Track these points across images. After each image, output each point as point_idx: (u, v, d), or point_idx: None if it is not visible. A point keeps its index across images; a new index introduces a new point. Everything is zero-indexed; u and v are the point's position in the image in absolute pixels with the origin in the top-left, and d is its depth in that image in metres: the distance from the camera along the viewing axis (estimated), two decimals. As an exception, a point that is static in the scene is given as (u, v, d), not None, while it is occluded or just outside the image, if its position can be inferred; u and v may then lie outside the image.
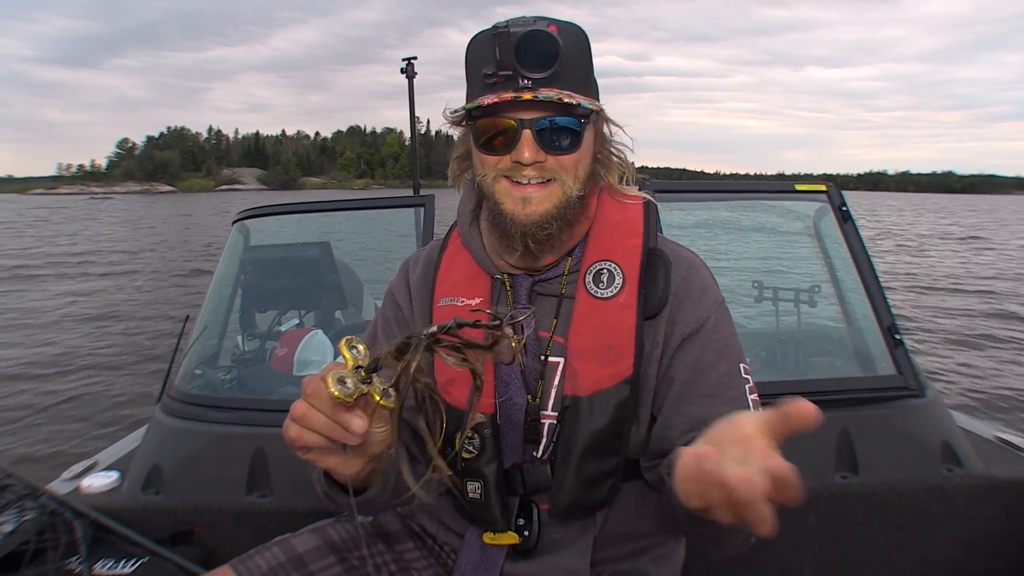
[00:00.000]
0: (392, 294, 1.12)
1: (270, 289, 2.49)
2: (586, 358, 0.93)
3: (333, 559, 1.01)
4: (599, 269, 0.97)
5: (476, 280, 1.03)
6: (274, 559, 0.98)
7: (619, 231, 1.00)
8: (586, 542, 0.97)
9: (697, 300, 0.97)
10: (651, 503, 1.00)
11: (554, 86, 0.88)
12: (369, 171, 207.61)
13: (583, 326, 0.95)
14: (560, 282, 0.99)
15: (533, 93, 0.87)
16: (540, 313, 0.99)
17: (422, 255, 1.13)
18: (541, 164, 0.91)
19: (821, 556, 1.62)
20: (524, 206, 0.92)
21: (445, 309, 1.02)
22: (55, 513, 1.39)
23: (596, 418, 0.92)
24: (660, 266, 0.97)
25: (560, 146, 0.91)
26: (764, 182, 2.66)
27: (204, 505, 1.59)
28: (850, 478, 1.63)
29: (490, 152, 0.92)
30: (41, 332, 8.26)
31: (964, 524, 1.62)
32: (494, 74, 0.88)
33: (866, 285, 1.83)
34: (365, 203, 2.25)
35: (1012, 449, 1.80)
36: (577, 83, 0.91)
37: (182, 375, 2.04)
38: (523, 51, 0.86)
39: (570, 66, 0.90)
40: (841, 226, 1.90)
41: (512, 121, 0.89)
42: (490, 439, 0.96)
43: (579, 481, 0.92)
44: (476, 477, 0.96)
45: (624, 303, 0.95)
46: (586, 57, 0.94)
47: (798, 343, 2.46)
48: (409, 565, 1.07)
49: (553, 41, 0.87)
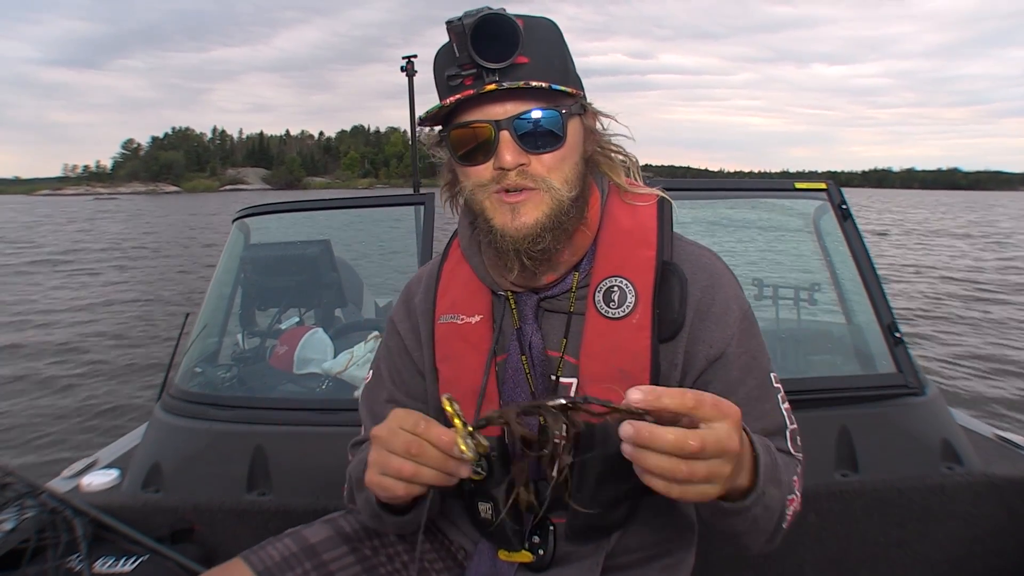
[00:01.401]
0: (393, 322, 1.07)
1: (270, 287, 2.49)
2: (598, 383, 0.89)
3: (345, 549, 1.01)
4: (610, 286, 0.91)
5: (477, 296, 0.98)
6: (286, 549, 0.97)
7: (630, 241, 0.93)
8: (598, 558, 0.94)
9: (721, 317, 0.90)
10: (667, 516, 0.99)
11: (523, 77, 0.82)
12: (373, 170, 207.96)
13: (594, 348, 0.90)
14: (568, 298, 0.93)
15: (497, 84, 0.81)
16: (548, 331, 0.94)
17: (424, 274, 1.08)
18: (524, 167, 0.85)
19: (821, 554, 1.62)
20: (514, 217, 0.85)
21: (446, 327, 0.98)
22: (55, 511, 1.39)
23: (611, 444, 0.87)
24: (676, 283, 0.90)
25: (542, 144, 0.84)
26: (763, 180, 2.66)
27: (204, 503, 1.59)
28: (850, 476, 1.63)
29: (471, 163, 0.87)
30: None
31: (964, 522, 1.61)
32: (457, 75, 0.83)
33: (866, 283, 1.83)
34: (365, 201, 2.25)
35: (1012, 447, 1.80)
36: (551, 73, 0.84)
37: (182, 373, 2.04)
38: (479, 39, 0.81)
39: (540, 55, 0.84)
40: (841, 224, 1.90)
41: (486, 125, 0.83)
42: (498, 461, 0.92)
43: (595, 505, 0.89)
44: (486, 498, 0.93)
45: (637, 324, 0.89)
46: (559, 49, 0.88)
47: (798, 341, 2.46)
48: (420, 555, 1.06)
49: (509, 23, 0.81)
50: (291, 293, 2.53)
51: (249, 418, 1.71)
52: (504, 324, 0.95)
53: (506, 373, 0.94)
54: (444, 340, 0.98)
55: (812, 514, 1.60)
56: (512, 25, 0.81)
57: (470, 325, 0.97)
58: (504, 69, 0.82)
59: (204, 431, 1.72)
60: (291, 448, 1.63)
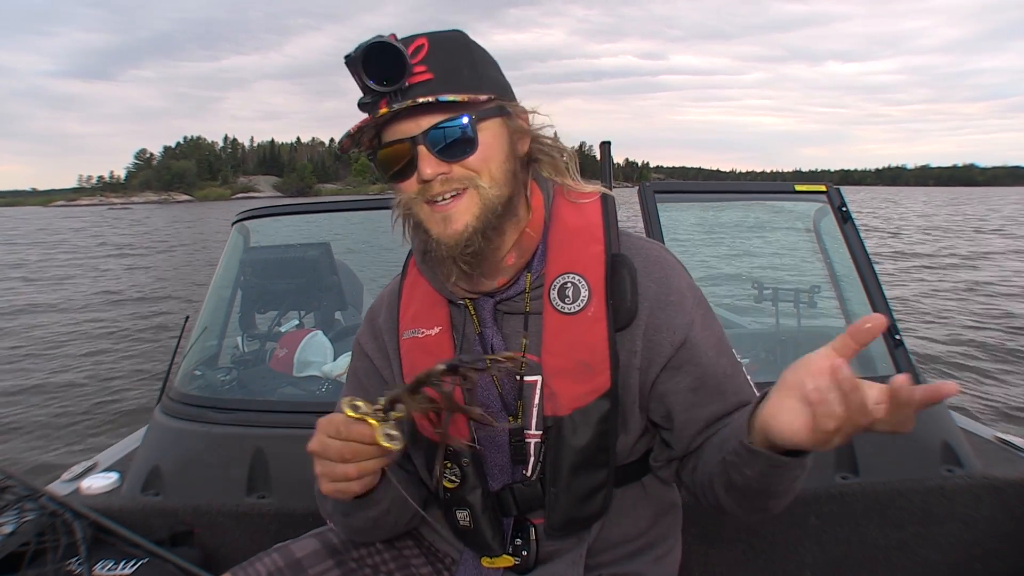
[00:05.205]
0: (360, 344, 1.10)
1: (270, 290, 2.49)
2: (562, 376, 0.92)
3: (331, 563, 1.02)
4: (563, 283, 0.94)
5: (434, 308, 1.01)
6: (273, 565, 0.99)
7: (579, 239, 0.96)
8: (580, 551, 0.96)
9: (678, 305, 0.94)
10: (645, 504, 1.01)
11: (427, 92, 0.86)
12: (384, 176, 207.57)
13: (554, 344, 0.93)
14: (523, 299, 0.96)
15: (390, 107, 0.85)
16: (508, 333, 0.97)
17: (385, 294, 1.11)
18: (446, 176, 0.88)
19: (821, 556, 1.62)
20: (445, 226, 0.88)
21: (409, 342, 1.01)
22: (55, 514, 1.39)
23: (580, 435, 0.91)
24: (626, 274, 0.94)
25: (459, 152, 0.87)
26: (764, 183, 2.66)
27: (203, 506, 1.59)
28: (850, 479, 1.63)
29: (399, 179, 0.91)
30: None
31: (964, 524, 1.62)
32: (365, 101, 0.88)
33: (866, 285, 1.83)
34: (362, 204, 2.25)
35: (1012, 449, 1.80)
36: (456, 84, 0.87)
37: (182, 376, 2.04)
38: (368, 67, 0.85)
39: (442, 70, 0.87)
40: (841, 226, 1.90)
41: (404, 143, 0.87)
42: (470, 467, 0.95)
43: (571, 498, 0.92)
44: (463, 506, 0.96)
45: (593, 316, 0.92)
46: (467, 57, 0.91)
47: (798, 344, 2.46)
48: (407, 563, 1.07)
49: (392, 48, 0.85)
50: (291, 296, 2.53)
51: (249, 421, 1.71)
52: (467, 331, 0.98)
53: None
54: (409, 354, 1.01)
55: (812, 516, 1.60)
56: (395, 49, 0.85)
57: (431, 337, 0.99)
58: (404, 89, 0.86)
59: (204, 434, 1.71)
60: (291, 451, 1.63)
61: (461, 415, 0.82)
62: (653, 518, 1.02)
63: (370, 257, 3.50)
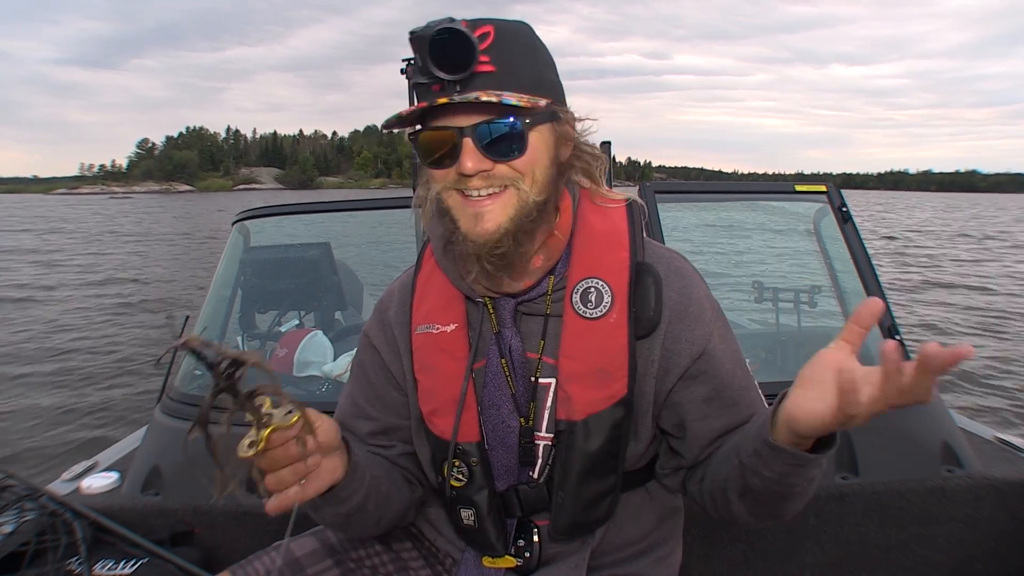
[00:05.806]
0: (368, 337, 1.06)
1: (270, 290, 2.49)
2: (578, 381, 0.90)
3: (330, 562, 1.02)
4: (586, 287, 0.92)
5: (451, 305, 0.98)
6: (272, 563, 0.99)
7: (604, 243, 0.95)
8: (583, 555, 0.96)
9: (698, 316, 0.93)
10: (649, 509, 1.00)
11: (486, 87, 0.82)
12: (386, 170, 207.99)
13: (573, 348, 0.91)
14: (544, 301, 0.94)
15: (449, 96, 0.81)
16: (526, 334, 0.95)
17: (396, 287, 1.07)
18: (488, 172, 0.84)
19: (821, 557, 1.62)
20: (476, 223, 0.85)
21: (422, 337, 0.98)
22: (55, 514, 1.39)
23: (592, 440, 0.90)
24: (650, 283, 0.92)
25: (506, 152, 0.84)
26: (764, 183, 2.66)
27: (203, 506, 1.59)
28: (850, 479, 1.63)
29: (437, 167, 0.87)
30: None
31: (964, 525, 1.62)
32: (422, 83, 0.84)
33: (866, 285, 1.83)
34: (364, 204, 2.25)
35: (1012, 450, 1.80)
36: (517, 83, 0.84)
37: (182, 376, 2.04)
38: (435, 52, 0.81)
39: (506, 64, 0.83)
40: (841, 226, 1.90)
41: (450, 131, 0.83)
42: (478, 467, 0.94)
43: (578, 502, 0.91)
44: (468, 505, 0.95)
45: (615, 323, 0.90)
46: (531, 56, 0.87)
47: (798, 344, 2.46)
48: (406, 564, 1.07)
49: (464, 37, 0.81)
50: (291, 296, 2.53)
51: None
52: (483, 330, 0.96)
53: (486, 378, 0.95)
54: (421, 350, 0.99)
55: (812, 516, 1.60)
56: (466, 39, 0.81)
57: (446, 334, 0.97)
58: (465, 79, 0.82)
59: (204, 433, 1.71)
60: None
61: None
62: (656, 522, 1.02)
63: (370, 257, 3.50)
